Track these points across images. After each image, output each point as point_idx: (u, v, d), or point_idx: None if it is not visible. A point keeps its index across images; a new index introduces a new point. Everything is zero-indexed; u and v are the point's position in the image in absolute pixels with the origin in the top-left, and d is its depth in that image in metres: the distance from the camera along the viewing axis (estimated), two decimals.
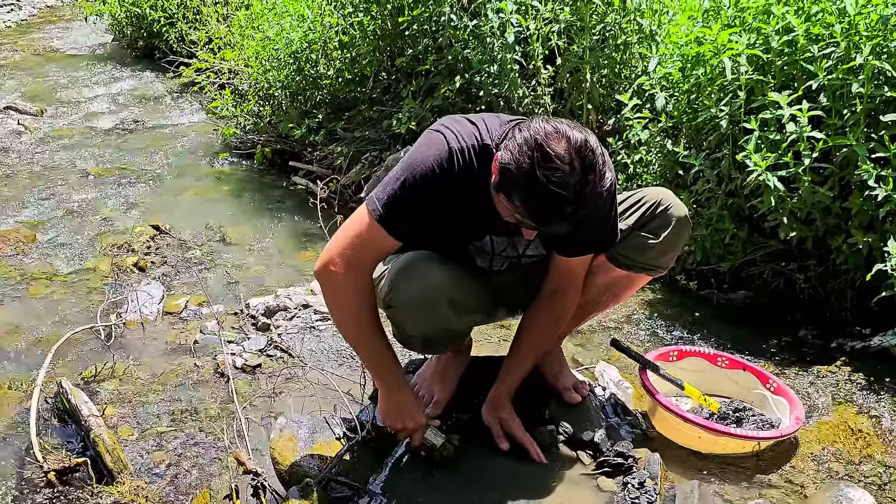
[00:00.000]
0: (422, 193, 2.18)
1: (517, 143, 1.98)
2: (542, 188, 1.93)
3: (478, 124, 2.23)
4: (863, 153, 3.04)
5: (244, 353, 3.18)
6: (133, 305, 3.54)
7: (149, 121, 6.90)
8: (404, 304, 2.26)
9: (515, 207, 2.02)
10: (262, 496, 2.36)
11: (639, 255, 2.48)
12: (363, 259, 2.26)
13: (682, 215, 2.45)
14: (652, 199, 2.46)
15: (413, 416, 2.44)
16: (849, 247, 3.23)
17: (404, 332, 2.43)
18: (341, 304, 2.33)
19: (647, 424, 2.71)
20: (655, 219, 2.44)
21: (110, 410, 2.82)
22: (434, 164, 2.17)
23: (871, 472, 2.51)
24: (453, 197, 2.21)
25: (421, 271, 2.25)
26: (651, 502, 2.30)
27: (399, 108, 4.87)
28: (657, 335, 3.42)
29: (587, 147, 1.97)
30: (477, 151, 2.18)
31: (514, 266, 2.51)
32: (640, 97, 4.07)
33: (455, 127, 2.22)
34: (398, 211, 2.19)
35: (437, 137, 2.20)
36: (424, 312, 2.27)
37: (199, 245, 4.41)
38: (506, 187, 2.02)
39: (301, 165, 5.57)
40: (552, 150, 1.94)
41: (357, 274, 2.26)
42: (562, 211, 1.96)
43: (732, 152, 3.48)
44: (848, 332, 3.34)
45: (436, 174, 2.16)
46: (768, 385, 2.75)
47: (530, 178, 1.94)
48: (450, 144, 2.18)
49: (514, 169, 1.97)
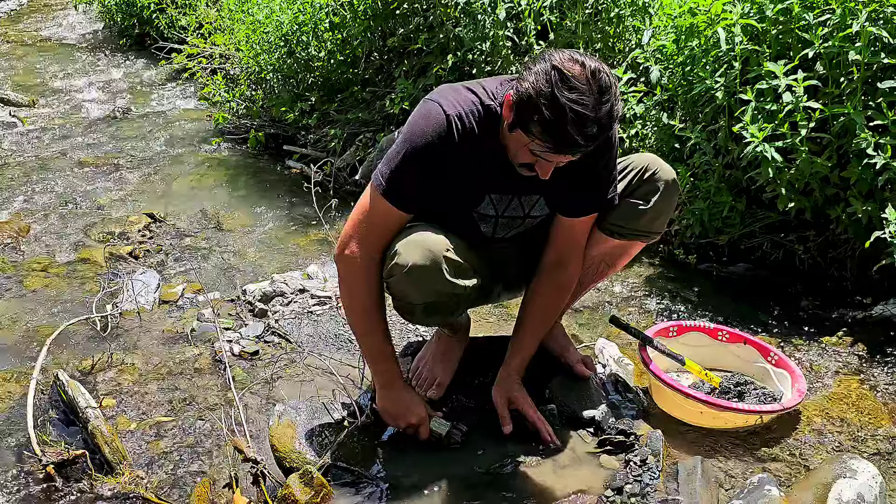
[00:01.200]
0: (423, 164, 2.24)
1: (534, 72, 2.06)
2: (563, 107, 2.00)
3: (475, 90, 2.27)
4: (861, 121, 3.00)
5: (241, 340, 3.16)
6: (129, 295, 3.51)
7: (141, 108, 6.86)
8: (405, 269, 2.24)
9: (534, 138, 2.07)
10: (262, 483, 2.35)
11: (630, 222, 2.47)
12: (376, 238, 2.33)
13: (670, 179, 2.45)
14: (639, 165, 2.46)
15: (414, 410, 2.44)
16: (848, 216, 3.20)
17: (406, 302, 2.39)
18: (354, 288, 2.40)
19: (649, 401, 2.69)
20: (644, 185, 2.45)
21: (108, 401, 2.80)
22: (433, 133, 2.22)
23: (875, 443, 2.49)
24: (455, 163, 2.25)
25: (421, 238, 2.26)
26: (653, 479, 2.29)
27: (392, 89, 4.84)
28: (657, 311, 3.40)
29: (602, 70, 2.05)
30: (477, 115, 2.24)
31: (517, 233, 2.50)
32: (635, 70, 4.05)
33: (450, 95, 2.26)
34: (401, 183, 2.26)
35: (434, 107, 2.24)
36: (425, 275, 2.25)
37: (194, 232, 4.38)
38: (523, 118, 2.08)
39: (295, 149, 5.53)
40: (570, 72, 2.02)
41: (370, 257, 2.34)
42: (583, 129, 2.02)
43: (729, 124, 3.45)
44: (849, 302, 3.32)
45: (435, 143, 2.22)
46: (770, 358, 2.73)
47: (551, 99, 2.01)
48: (447, 112, 2.22)
49: (533, 94, 2.04)
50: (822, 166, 3.17)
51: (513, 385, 2.51)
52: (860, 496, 2.10)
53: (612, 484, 2.29)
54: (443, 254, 2.25)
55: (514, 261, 2.58)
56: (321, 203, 3.74)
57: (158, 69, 7.82)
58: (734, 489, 2.28)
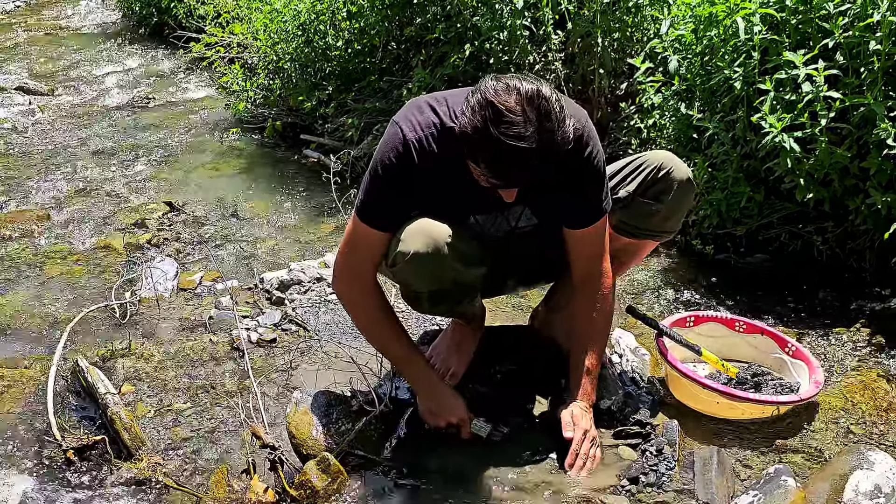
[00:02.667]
0: (388, 187, 2.25)
1: (470, 107, 1.98)
2: (500, 144, 1.93)
3: (438, 108, 2.22)
4: (881, 112, 2.98)
5: (259, 328, 3.18)
6: (147, 282, 3.54)
7: (159, 97, 6.89)
8: (410, 257, 2.23)
9: (482, 171, 2.02)
10: (280, 470, 2.36)
11: (643, 221, 2.46)
12: (362, 262, 2.36)
13: (684, 178, 2.42)
14: (653, 163, 2.43)
15: (454, 411, 2.43)
16: (867, 207, 3.18)
17: (411, 290, 2.42)
18: (360, 312, 2.47)
19: (665, 391, 2.69)
20: (657, 183, 2.42)
21: (127, 388, 2.83)
22: (392, 157, 2.22)
23: (893, 435, 2.49)
24: (424, 184, 2.24)
25: (424, 226, 2.25)
26: (670, 469, 2.29)
27: (409, 78, 4.83)
28: (673, 301, 3.39)
29: (539, 96, 1.95)
30: (436, 137, 2.20)
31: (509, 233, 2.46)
32: (653, 60, 4.02)
33: (414, 116, 2.23)
34: (373, 205, 2.29)
35: (394, 131, 2.23)
36: (428, 263, 2.24)
37: (212, 221, 4.40)
38: (469, 153, 2.03)
39: (312, 138, 5.54)
40: (503, 105, 1.94)
41: (361, 279, 2.38)
42: (525, 163, 1.96)
43: (747, 114, 3.42)
44: (867, 294, 3.30)
45: (396, 167, 2.22)
46: (787, 349, 2.73)
47: (486, 138, 1.95)
48: (406, 137, 2.20)
49: (470, 132, 1.98)
50: (841, 157, 3.15)
51: (588, 418, 2.40)
52: (877, 487, 2.10)
53: (628, 474, 2.29)
54: (445, 241, 2.24)
55: (516, 254, 2.52)
56: (339, 192, 3.75)
57: (176, 58, 7.85)
58: (750, 479, 2.28)
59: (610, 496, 2.22)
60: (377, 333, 2.49)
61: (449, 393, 2.47)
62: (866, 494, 2.08)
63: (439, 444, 2.44)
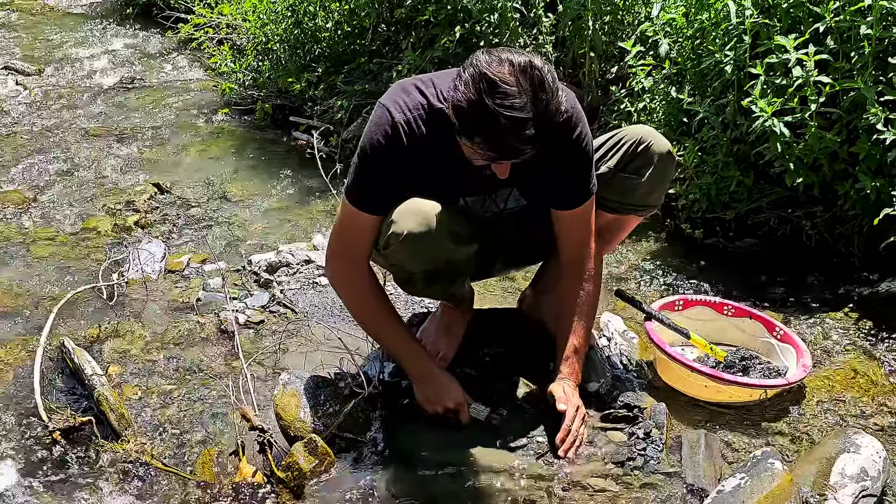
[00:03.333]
0: (378, 170, 2.24)
1: (463, 82, 1.98)
2: (496, 116, 1.93)
3: (425, 90, 2.22)
4: (871, 96, 2.98)
5: (247, 310, 3.17)
6: (135, 264, 3.52)
7: (148, 78, 6.83)
8: (404, 237, 2.22)
9: (477, 146, 2.02)
10: (269, 452, 2.36)
11: (625, 196, 2.47)
12: (354, 246, 2.35)
13: (664, 151, 2.44)
14: (632, 137, 2.45)
15: (452, 396, 2.42)
16: (856, 192, 3.19)
17: (404, 272, 2.41)
18: (351, 299, 2.46)
19: (653, 374, 2.69)
20: (637, 158, 2.44)
21: (114, 369, 2.81)
22: (381, 139, 2.20)
23: (879, 419, 2.50)
24: (413, 166, 2.23)
25: (416, 206, 2.25)
26: (657, 452, 2.30)
27: (399, 60, 4.81)
28: (663, 285, 3.39)
29: (532, 66, 1.96)
30: (425, 118, 2.20)
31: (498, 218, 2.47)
32: (644, 44, 4.01)
33: (401, 98, 2.22)
34: (363, 189, 2.27)
35: (382, 113, 2.22)
36: (422, 242, 2.23)
37: (200, 203, 4.38)
38: (462, 128, 2.02)
39: (301, 120, 5.51)
40: (497, 76, 1.94)
41: (354, 263, 2.37)
42: (522, 134, 1.95)
43: (738, 98, 3.42)
44: (855, 279, 3.31)
45: (385, 149, 2.20)
46: (775, 333, 2.73)
47: (482, 109, 1.94)
48: (394, 118, 2.20)
49: (465, 105, 1.98)
50: (831, 141, 3.15)
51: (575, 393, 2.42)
52: (864, 471, 2.10)
53: (616, 457, 2.30)
54: (438, 220, 2.23)
55: (505, 235, 2.53)
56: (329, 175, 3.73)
57: (165, 39, 7.80)
58: (738, 462, 2.29)
59: (597, 479, 2.22)
60: (371, 319, 2.47)
61: (446, 378, 2.45)
62: (853, 477, 2.09)
63: (428, 426, 2.43)
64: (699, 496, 2.15)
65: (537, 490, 2.20)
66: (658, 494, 2.18)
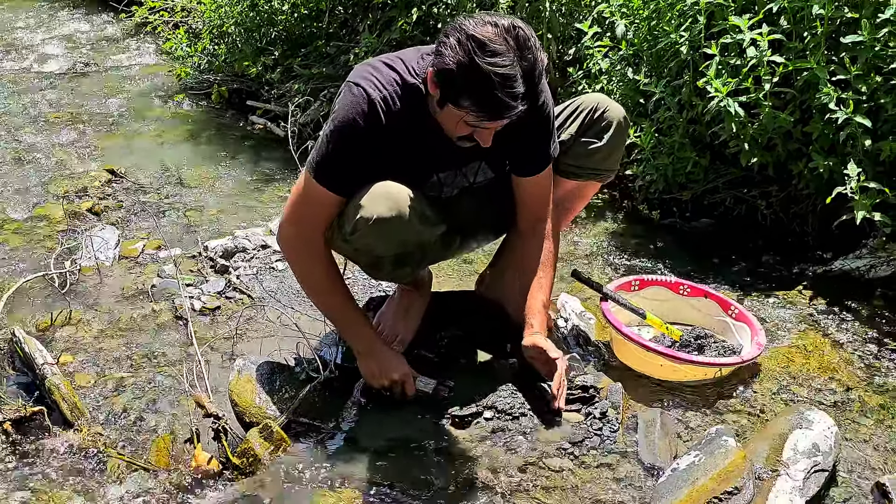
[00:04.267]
0: (352, 148, 2.22)
1: (450, 45, 2.02)
2: (487, 73, 1.98)
3: (396, 66, 2.24)
4: (823, 76, 3.00)
5: (203, 296, 3.13)
6: (88, 251, 3.46)
7: (102, 63, 6.70)
8: (371, 221, 2.22)
9: (465, 111, 2.05)
10: (224, 439, 2.33)
11: (586, 161, 2.52)
12: (312, 222, 2.32)
13: (620, 116, 2.52)
14: (588, 105, 2.51)
15: (397, 368, 2.41)
16: (810, 171, 3.21)
17: (373, 257, 2.39)
18: (305, 266, 2.41)
19: (610, 355, 2.70)
20: (595, 124, 2.50)
21: (66, 358, 2.77)
22: (358, 117, 2.19)
23: (831, 395, 2.53)
24: (388, 144, 2.23)
25: (383, 189, 2.25)
26: (613, 432, 2.31)
27: (356, 43, 4.77)
28: (620, 265, 3.40)
29: (515, 27, 2.03)
30: (400, 94, 2.21)
31: (465, 189, 2.51)
32: (601, 25, 4.01)
33: (373, 75, 2.23)
34: (333, 168, 2.24)
35: (357, 90, 2.21)
36: (391, 226, 2.24)
37: (155, 188, 4.31)
38: (450, 92, 2.06)
39: (258, 104, 5.45)
40: (485, 37, 1.99)
41: (311, 235, 2.33)
42: (512, 89, 2.00)
43: (693, 79, 3.43)
44: (809, 257, 3.35)
45: (362, 127, 2.19)
46: (730, 311, 2.75)
47: (473, 69, 1.99)
48: (370, 96, 2.19)
49: (454, 67, 2.01)
50: (784, 121, 3.17)
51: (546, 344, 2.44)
52: (815, 446, 2.13)
53: (572, 437, 2.30)
54: (407, 203, 2.24)
55: (469, 211, 2.56)
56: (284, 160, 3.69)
57: (119, 23, 7.65)
58: (693, 440, 2.30)
59: (554, 459, 2.23)
60: (322, 293, 2.45)
61: (390, 352, 2.46)
62: (804, 453, 2.11)
63: (385, 410, 2.43)
64: (655, 474, 2.17)
65: (493, 470, 2.19)
66: (614, 474, 2.19)
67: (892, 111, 2.96)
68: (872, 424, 2.40)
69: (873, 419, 2.42)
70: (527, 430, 2.33)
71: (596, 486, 2.14)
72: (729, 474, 1.98)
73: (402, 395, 2.42)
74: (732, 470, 1.99)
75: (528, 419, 2.36)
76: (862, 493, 2.14)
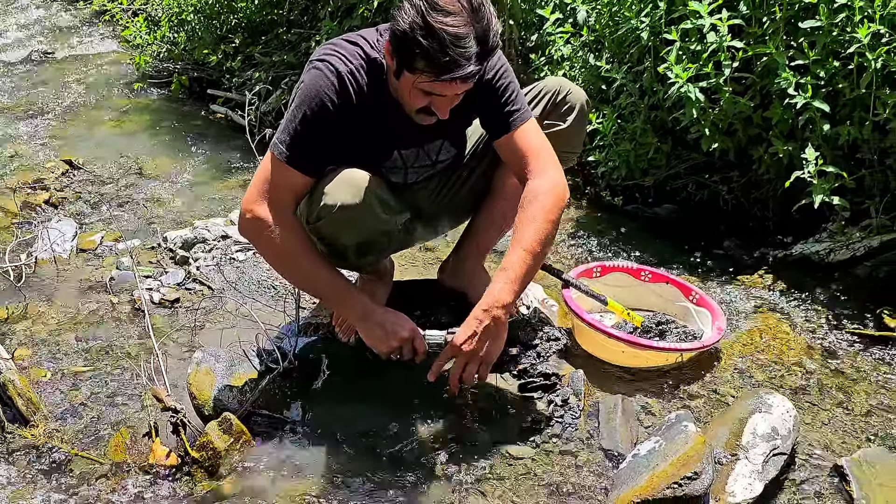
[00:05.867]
0: (323, 125, 2.18)
1: (404, 10, 2.04)
2: (438, 31, 1.98)
3: (358, 42, 2.24)
4: (782, 61, 3.01)
5: (162, 288, 3.09)
6: (44, 244, 3.40)
7: (59, 52, 6.62)
8: (335, 209, 2.19)
9: (419, 73, 2.05)
10: (183, 433, 2.30)
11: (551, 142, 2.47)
12: (282, 199, 2.23)
13: (583, 99, 2.53)
14: (551, 88, 2.52)
15: (404, 326, 2.30)
16: (770, 156, 3.23)
17: (338, 244, 2.34)
18: (279, 246, 2.24)
19: (572, 342, 2.70)
20: (557, 107, 2.51)
21: (22, 352, 2.72)
22: (329, 92, 2.17)
23: (791, 378, 2.54)
24: (354, 120, 2.21)
25: (347, 177, 2.23)
26: (575, 419, 2.30)
27: (317, 31, 4.72)
28: (583, 252, 3.41)
29: None
30: (365, 68, 2.21)
31: (430, 176, 2.51)
32: (562, 11, 4.00)
33: (339, 51, 2.22)
34: (304, 147, 2.19)
35: (325, 66, 2.19)
36: (356, 214, 2.22)
37: (114, 179, 4.26)
38: (405, 56, 2.06)
39: (219, 93, 5.40)
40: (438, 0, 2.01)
41: (282, 212, 2.22)
42: (464, 48, 2.00)
43: (654, 65, 3.44)
44: (770, 242, 3.37)
45: (334, 103, 2.17)
46: (691, 297, 2.76)
47: (426, 28, 2.00)
48: (338, 69, 2.18)
49: (408, 29, 2.02)
50: (745, 106, 3.18)
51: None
52: (774, 430, 2.14)
53: (534, 425, 2.30)
54: (370, 190, 2.22)
55: (430, 198, 2.58)
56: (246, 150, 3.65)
57: (77, 11, 7.55)
58: (654, 426, 2.31)
59: (515, 447, 2.22)
60: (304, 268, 2.28)
61: (390, 312, 2.34)
62: (763, 437, 2.12)
63: (345, 400, 2.41)
64: (616, 461, 2.17)
65: (455, 460, 2.18)
66: (575, 461, 2.18)
67: (849, 96, 2.97)
68: (831, 407, 2.42)
69: (832, 402, 2.44)
70: (489, 418, 2.32)
71: (557, 474, 2.14)
72: (689, 459, 1.98)
73: (413, 355, 2.31)
74: (692, 455, 1.99)
75: (490, 408, 2.35)
76: (820, 474, 2.15)
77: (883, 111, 2.88)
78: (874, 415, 2.39)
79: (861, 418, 2.38)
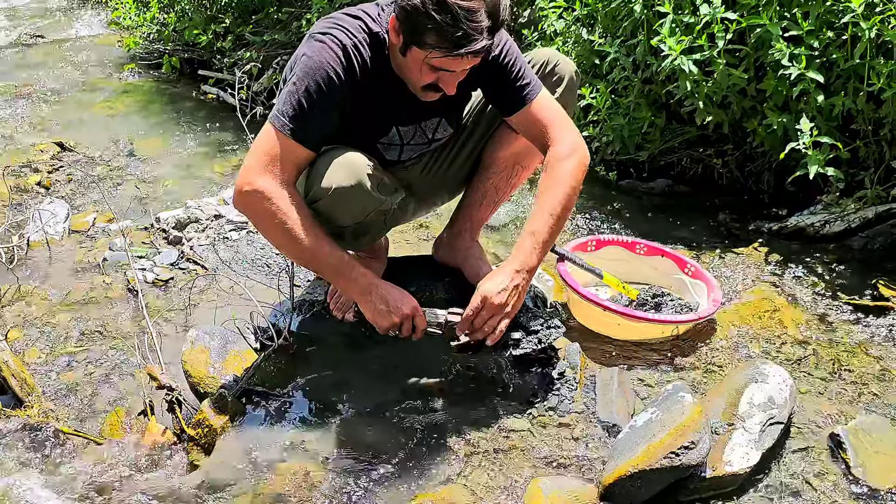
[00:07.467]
0: (327, 98, 2.14)
1: None
2: (453, 7, 1.95)
3: (360, 16, 2.20)
4: (776, 32, 2.99)
5: (155, 268, 3.08)
6: (36, 225, 3.38)
7: (49, 34, 6.57)
8: (333, 191, 2.16)
9: (429, 49, 2.02)
10: (178, 410, 2.30)
11: None
12: (283, 172, 2.15)
13: (572, 70, 2.49)
14: (540, 59, 2.48)
15: (406, 302, 2.26)
16: (764, 128, 3.22)
17: (334, 226, 2.29)
18: (279, 219, 2.15)
19: (568, 315, 2.69)
20: (546, 78, 2.45)
21: (15, 334, 2.71)
22: (334, 65, 2.12)
23: (786, 349, 2.54)
24: (357, 94, 2.18)
25: (342, 158, 2.19)
26: (571, 391, 2.30)
27: (308, 9, 4.69)
28: (578, 227, 3.40)
29: None
30: (369, 42, 2.18)
31: (423, 154, 2.50)
32: None
33: (341, 24, 2.18)
34: (306, 120, 2.13)
35: (328, 38, 2.14)
36: (352, 195, 2.19)
37: (106, 161, 4.24)
38: (415, 32, 2.02)
39: (210, 74, 5.36)
40: None
41: (282, 185, 2.14)
42: (477, 22, 1.97)
43: (648, 38, 3.41)
44: (765, 214, 3.37)
45: (338, 75, 2.13)
46: (686, 270, 2.76)
47: (438, 2, 1.96)
48: (343, 42, 2.14)
49: (419, 4, 1.98)
50: (738, 79, 3.16)
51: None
52: (771, 399, 2.14)
53: (531, 398, 2.29)
54: (366, 171, 2.19)
55: (422, 174, 2.56)
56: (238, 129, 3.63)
57: None
58: (650, 397, 2.31)
59: (512, 420, 2.22)
60: (305, 240, 2.18)
61: (394, 287, 2.30)
62: (760, 406, 2.12)
63: (341, 375, 2.40)
64: (612, 432, 2.17)
65: (452, 433, 2.18)
66: (572, 433, 2.18)
67: (843, 66, 2.96)
68: (826, 377, 2.42)
69: (827, 372, 2.44)
70: (485, 392, 2.32)
71: (555, 446, 2.14)
72: (685, 429, 1.98)
73: (411, 331, 2.28)
74: (689, 425, 1.99)
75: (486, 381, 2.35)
76: (817, 443, 2.15)
77: (877, 81, 2.87)
78: (870, 384, 2.39)
79: (857, 387, 2.38)
